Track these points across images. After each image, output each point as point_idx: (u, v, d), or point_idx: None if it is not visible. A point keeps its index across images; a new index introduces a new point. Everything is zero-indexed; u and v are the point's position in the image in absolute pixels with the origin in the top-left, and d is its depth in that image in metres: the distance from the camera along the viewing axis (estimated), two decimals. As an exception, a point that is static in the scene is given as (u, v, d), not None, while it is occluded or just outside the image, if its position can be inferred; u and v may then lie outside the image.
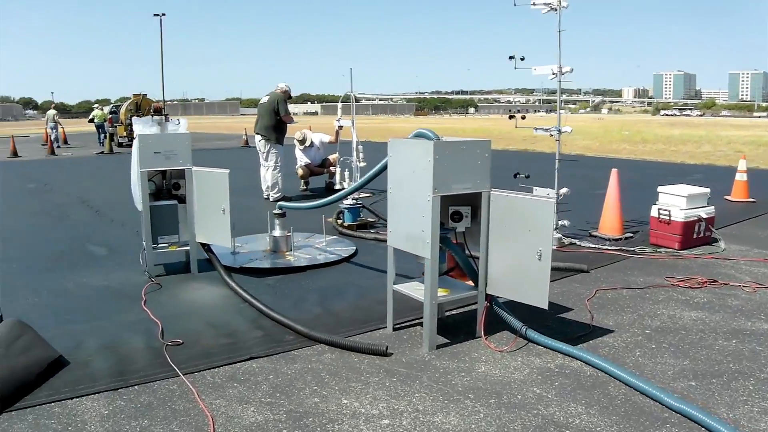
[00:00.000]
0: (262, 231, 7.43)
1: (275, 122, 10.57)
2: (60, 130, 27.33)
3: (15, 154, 21.67)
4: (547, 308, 4.07)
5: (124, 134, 25.32)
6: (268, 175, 10.74)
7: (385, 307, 4.59)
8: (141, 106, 25.23)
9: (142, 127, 6.07)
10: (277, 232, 6.90)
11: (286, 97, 10.82)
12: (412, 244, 4.19)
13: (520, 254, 4.05)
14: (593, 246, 7.06)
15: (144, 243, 6.00)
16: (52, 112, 27.43)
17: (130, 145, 6.71)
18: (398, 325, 4.60)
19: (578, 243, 7.16)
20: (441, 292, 4.29)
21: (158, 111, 27.37)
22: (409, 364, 3.95)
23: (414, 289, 4.37)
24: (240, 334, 4.50)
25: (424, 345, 4.18)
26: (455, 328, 4.58)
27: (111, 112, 26.53)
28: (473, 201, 4.28)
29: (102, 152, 22.72)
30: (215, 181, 5.85)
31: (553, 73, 6.69)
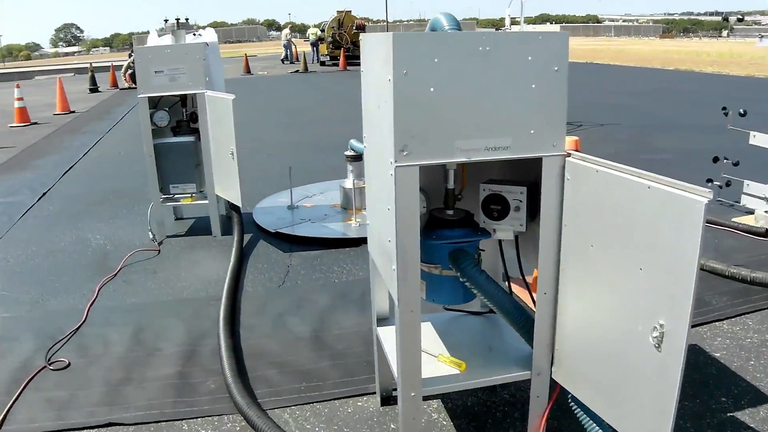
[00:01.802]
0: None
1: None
2: (293, 48, 27.79)
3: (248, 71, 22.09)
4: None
5: (325, 53, 24.94)
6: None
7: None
8: (343, 23, 24.44)
9: (154, 39, 4.49)
10: (347, 183, 4.98)
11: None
12: (382, 263, 1.98)
13: (628, 313, 1.58)
14: None
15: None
16: (285, 31, 28.37)
17: (336, 65, 5.09)
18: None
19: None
20: (445, 365, 2.03)
21: (361, 28, 26.53)
22: None
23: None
24: (155, 361, 2.78)
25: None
26: (489, 416, 2.28)
27: (321, 30, 26.31)
28: (530, 175, 1.87)
29: (297, 71, 22.35)
30: (220, 112, 4.07)
31: None
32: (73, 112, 12.38)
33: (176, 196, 4.60)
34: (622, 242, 1.56)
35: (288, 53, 27.07)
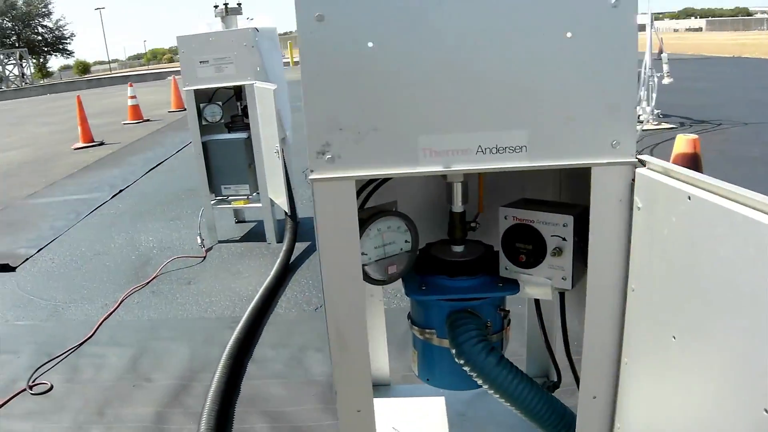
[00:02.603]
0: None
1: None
2: None
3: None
4: None
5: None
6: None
7: None
8: None
9: (204, 26, 4.12)
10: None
11: None
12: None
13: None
14: None
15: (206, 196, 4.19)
16: None
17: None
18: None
19: None
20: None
21: None
22: None
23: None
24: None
25: None
26: None
27: None
28: (585, 197, 1.13)
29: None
30: (264, 104, 3.58)
31: None
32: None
33: (229, 198, 4.20)
34: (734, 317, 0.80)
35: None
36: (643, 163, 0.99)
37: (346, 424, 1.14)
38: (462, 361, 1.21)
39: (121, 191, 5.93)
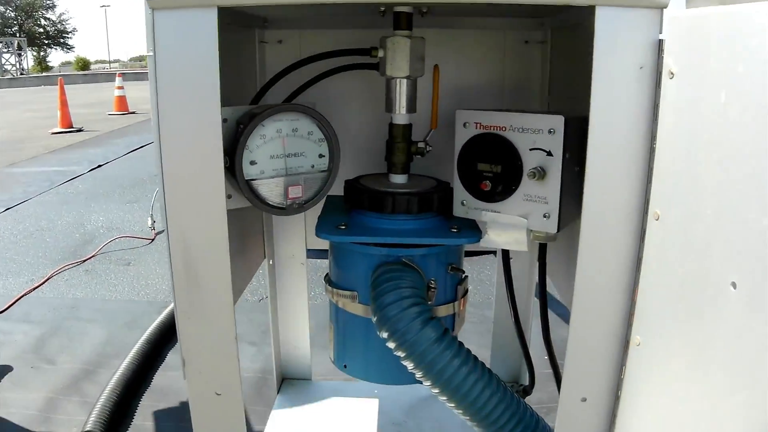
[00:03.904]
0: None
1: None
2: None
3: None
4: None
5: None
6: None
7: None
8: None
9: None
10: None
11: None
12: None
13: None
14: None
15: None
16: None
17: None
18: None
19: None
20: None
21: None
22: None
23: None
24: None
25: None
26: None
27: None
28: (579, 103, 0.75)
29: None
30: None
31: None
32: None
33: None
34: None
35: None
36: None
37: (198, 414, 0.73)
38: (385, 334, 0.81)
39: (93, 169, 5.61)
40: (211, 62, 0.68)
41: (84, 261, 3.19)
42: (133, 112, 10.93)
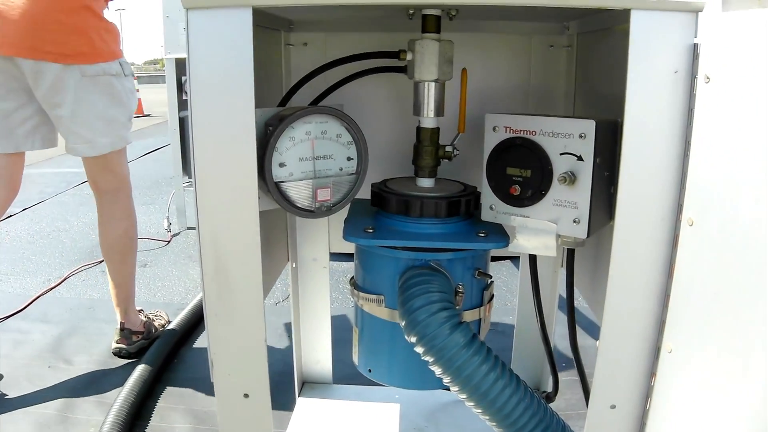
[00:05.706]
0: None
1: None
2: None
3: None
4: None
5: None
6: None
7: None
8: None
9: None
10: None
11: None
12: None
13: None
14: None
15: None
16: None
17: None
18: None
19: None
20: None
21: None
22: None
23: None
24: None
25: None
26: None
27: None
28: (610, 106, 0.74)
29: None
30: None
31: None
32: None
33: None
34: None
35: None
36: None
37: (225, 415, 0.74)
38: (414, 338, 0.81)
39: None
40: (245, 62, 0.69)
41: (100, 262, 3.21)
42: (148, 115, 11.04)
